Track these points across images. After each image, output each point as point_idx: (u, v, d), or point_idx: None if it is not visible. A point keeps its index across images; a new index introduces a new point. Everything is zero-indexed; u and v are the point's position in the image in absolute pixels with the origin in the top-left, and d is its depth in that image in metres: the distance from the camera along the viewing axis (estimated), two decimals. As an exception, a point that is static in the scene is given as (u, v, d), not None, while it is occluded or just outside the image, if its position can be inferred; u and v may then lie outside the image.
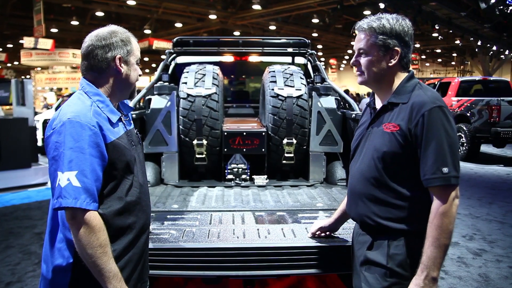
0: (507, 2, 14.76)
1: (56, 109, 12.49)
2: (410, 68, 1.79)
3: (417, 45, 30.88)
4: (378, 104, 1.80)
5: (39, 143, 10.51)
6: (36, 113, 10.99)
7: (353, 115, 3.64)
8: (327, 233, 2.34)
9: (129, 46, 1.65)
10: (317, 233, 2.34)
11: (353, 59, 1.75)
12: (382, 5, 16.76)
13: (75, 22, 22.24)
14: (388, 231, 1.66)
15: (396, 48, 1.69)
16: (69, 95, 11.43)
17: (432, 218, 1.55)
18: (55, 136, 1.45)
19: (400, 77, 1.74)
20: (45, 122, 11.09)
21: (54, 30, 22.78)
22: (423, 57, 38.09)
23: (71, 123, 1.44)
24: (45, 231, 1.62)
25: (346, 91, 16.65)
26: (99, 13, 20.98)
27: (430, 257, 1.53)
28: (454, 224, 1.57)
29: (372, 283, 1.67)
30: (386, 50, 1.69)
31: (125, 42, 1.63)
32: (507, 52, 29.49)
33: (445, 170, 1.54)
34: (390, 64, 1.70)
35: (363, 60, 1.72)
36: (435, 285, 1.56)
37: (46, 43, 19.54)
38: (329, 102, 3.93)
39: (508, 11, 15.22)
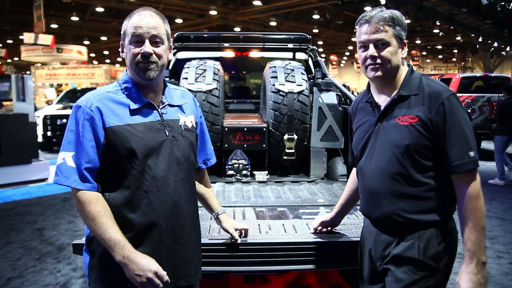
0: (509, -2, 14.71)
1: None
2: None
3: (418, 41, 30.85)
4: (379, 100, 1.77)
5: (40, 139, 10.52)
6: (36, 109, 10.98)
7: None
8: (329, 228, 2.34)
9: (124, 28, 1.60)
10: (318, 228, 2.33)
11: (371, 51, 1.66)
12: (383, 1, 16.69)
13: (75, 18, 22.19)
14: (418, 224, 1.64)
15: (405, 40, 1.71)
16: None
17: (467, 203, 1.56)
18: None
19: (403, 71, 1.74)
20: (45, 118, 11.09)
21: (54, 25, 22.73)
22: (424, 53, 38.02)
23: (75, 107, 1.54)
24: None
25: (346, 87, 16.64)
26: (99, 9, 20.95)
27: (475, 242, 1.54)
28: None
29: (402, 277, 1.64)
30: (400, 42, 1.69)
31: (123, 25, 1.62)
32: (508, 49, 29.40)
33: (472, 154, 1.57)
34: (402, 57, 1.71)
35: (384, 52, 1.66)
36: (485, 269, 1.57)
37: (46, 39, 19.48)
38: (330, 97, 3.92)
39: (510, 7, 15.17)
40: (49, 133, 11.11)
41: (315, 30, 26.00)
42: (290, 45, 5.06)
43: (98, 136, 1.51)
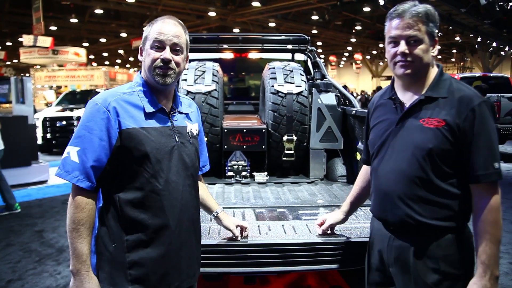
0: (507, -2, 14.73)
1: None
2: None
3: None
4: (404, 98, 1.69)
5: (39, 141, 10.52)
6: (35, 111, 10.98)
7: (353, 111, 3.63)
8: (334, 228, 2.31)
9: (146, 33, 1.64)
10: (326, 228, 2.30)
11: (403, 47, 1.59)
12: (381, 2, 16.69)
13: (74, 20, 22.19)
14: (434, 230, 1.59)
15: (436, 38, 1.64)
16: None
17: (486, 215, 1.51)
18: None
19: (433, 70, 1.67)
20: (44, 120, 11.08)
21: (53, 27, 22.74)
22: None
23: (91, 103, 1.55)
24: None
25: (344, 87, 16.66)
26: (98, 11, 20.93)
27: (490, 255, 1.51)
28: None
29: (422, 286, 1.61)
30: (432, 40, 1.62)
31: (145, 30, 1.66)
32: (507, 49, 29.46)
33: (496, 165, 1.53)
34: (433, 55, 1.64)
35: (416, 50, 1.58)
36: (497, 284, 1.54)
37: (45, 41, 19.48)
38: (329, 98, 3.92)
39: (508, 7, 15.19)
40: (48, 135, 11.10)
41: (314, 31, 26.01)
42: (289, 46, 5.07)
43: (111, 136, 1.52)
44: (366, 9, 20.70)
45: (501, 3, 14.86)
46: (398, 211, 1.63)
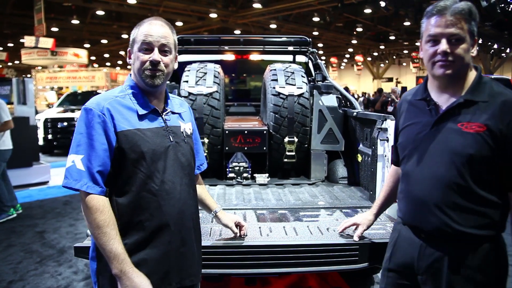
0: (508, 0, 14.73)
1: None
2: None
3: (418, 44, 30.74)
4: (439, 100, 1.61)
5: (40, 142, 10.53)
6: (37, 112, 11.00)
7: (354, 113, 3.64)
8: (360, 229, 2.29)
9: (133, 35, 1.65)
10: (348, 228, 2.32)
11: (444, 46, 1.50)
12: (382, 3, 16.71)
13: (75, 21, 22.23)
14: (470, 239, 1.53)
15: (476, 37, 1.55)
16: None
17: None
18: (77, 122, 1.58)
19: (472, 71, 1.60)
20: (45, 121, 11.10)
21: (54, 29, 22.78)
22: (424, 55, 38.01)
23: (85, 110, 1.55)
24: None
25: (346, 89, 16.68)
26: (100, 12, 20.96)
27: None
28: None
29: None
30: (472, 39, 1.54)
31: (132, 33, 1.66)
32: (508, 50, 29.43)
33: None
34: (472, 55, 1.56)
35: (458, 49, 1.50)
36: None
37: (47, 42, 19.53)
38: (330, 100, 3.93)
39: (509, 9, 15.19)
40: (50, 136, 11.12)
41: (315, 33, 26.02)
42: (290, 48, 5.08)
43: (111, 139, 1.53)
44: (367, 10, 20.71)
45: (502, 5, 14.87)
46: (433, 219, 1.56)
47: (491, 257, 1.53)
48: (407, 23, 22.71)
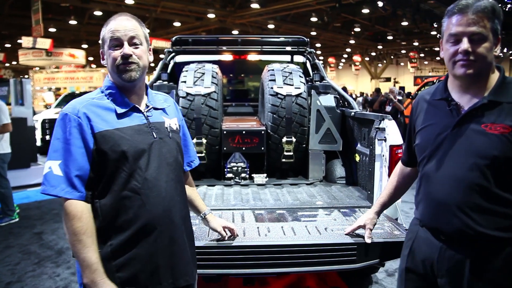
0: (506, 0, 14.79)
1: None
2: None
3: (416, 43, 30.93)
4: (461, 100, 1.57)
5: (38, 143, 10.51)
6: (35, 113, 10.97)
7: (352, 113, 3.64)
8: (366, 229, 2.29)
9: (102, 35, 1.62)
10: (354, 230, 2.32)
11: (466, 45, 1.47)
12: (380, 3, 16.74)
13: (73, 22, 22.22)
14: (492, 241, 1.50)
15: (499, 36, 1.51)
16: None
17: None
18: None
19: (495, 72, 1.57)
20: (43, 122, 11.08)
21: (52, 29, 22.75)
22: (422, 55, 38.13)
23: (61, 115, 1.55)
24: None
25: (344, 89, 16.70)
26: (98, 13, 20.96)
27: None
28: None
29: None
30: (496, 37, 1.50)
31: (101, 33, 1.63)
32: (505, 50, 29.52)
33: None
34: (495, 54, 1.52)
35: (480, 48, 1.47)
36: None
37: (45, 43, 19.50)
38: (328, 100, 3.93)
39: (506, 9, 15.25)
40: (47, 137, 11.08)
41: (313, 33, 26.05)
42: (288, 48, 5.08)
43: (88, 142, 1.51)
44: (365, 10, 20.76)
45: (499, 5, 14.89)
46: (455, 220, 1.53)
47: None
48: (404, 23, 22.74)
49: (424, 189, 1.67)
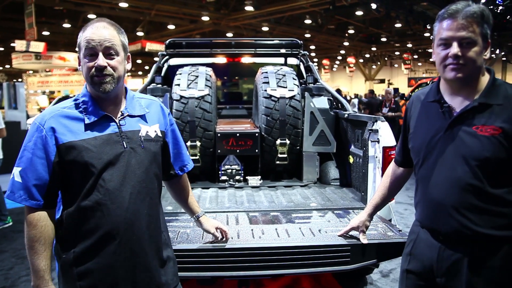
0: (497, 2, 14.90)
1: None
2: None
3: (409, 45, 31.09)
4: (452, 102, 1.61)
5: (32, 147, 10.44)
6: (28, 117, 10.91)
7: (346, 115, 3.66)
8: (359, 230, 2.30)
9: (78, 40, 1.58)
10: (348, 231, 2.33)
11: (455, 49, 1.51)
12: (374, 6, 16.82)
13: (67, 25, 22.14)
14: (489, 240, 1.54)
15: (489, 40, 1.56)
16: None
17: None
18: None
19: (485, 74, 1.60)
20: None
21: (46, 33, 22.66)
22: (415, 57, 38.32)
23: (31, 124, 1.58)
24: None
25: (338, 91, 16.75)
26: (91, 16, 20.89)
27: None
28: None
29: None
30: (485, 42, 1.54)
31: (78, 37, 1.60)
32: (497, 51, 29.73)
33: None
34: (485, 57, 1.56)
35: (469, 52, 1.50)
36: None
37: (38, 46, 19.41)
38: (321, 102, 3.95)
39: (498, 11, 15.36)
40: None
41: (307, 35, 26.12)
42: (282, 51, 5.10)
43: (49, 154, 1.52)
44: (359, 13, 20.84)
45: (491, 7, 15.03)
46: (452, 221, 1.57)
47: (511, 258, 1.54)
48: (398, 25, 22.87)
49: (421, 191, 1.71)
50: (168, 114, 1.84)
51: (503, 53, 31.43)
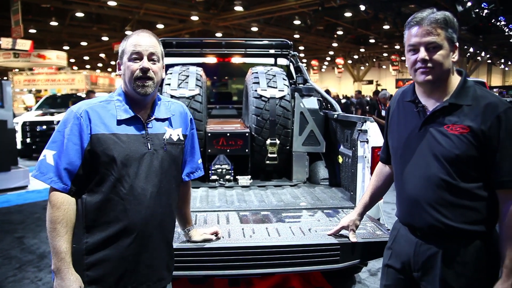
0: (482, 6, 15.14)
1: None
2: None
3: (397, 47, 31.39)
4: (427, 103, 1.69)
5: (19, 146, 10.32)
6: (14, 116, 10.77)
7: (335, 115, 3.70)
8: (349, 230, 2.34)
9: (122, 47, 1.72)
10: (338, 230, 2.36)
11: (423, 54, 1.60)
12: (362, 7, 16.96)
13: (54, 23, 21.88)
14: (462, 234, 1.60)
15: (456, 43, 1.63)
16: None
17: (510, 220, 1.54)
18: None
19: (455, 76, 1.67)
20: (24, 125, 10.89)
21: (32, 30, 22.35)
22: (403, 58, 38.69)
23: (68, 111, 1.66)
24: None
25: (327, 91, 16.84)
26: (79, 14, 20.71)
27: None
28: None
29: None
30: (452, 45, 1.62)
31: (121, 45, 1.74)
32: (483, 54, 30.20)
33: None
34: (453, 60, 1.64)
35: (436, 56, 1.59)
36: None
37: (25, 44, 19.16)
38: (311, 102, 3.98)
39: (484, 14, 15.61)
40: (28, 140, 10.90)
41: (296, 36, 26.21)
42: (272, 51, 5.12)
43: (83, 141, 1.60)
44: (347, 14, 20.99)
45: (477, 10, 15.26)
46: (426, 216, 1.64)
47: (482, 253, 1.59)
48: (386, 27, 23.10)
49: (398, 188, 1.80)
50: (191, 119, 1.94)
51: (488, 56, 31.94)
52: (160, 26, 23.04)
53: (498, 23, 18.86)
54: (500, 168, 1.54)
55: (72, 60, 33.03)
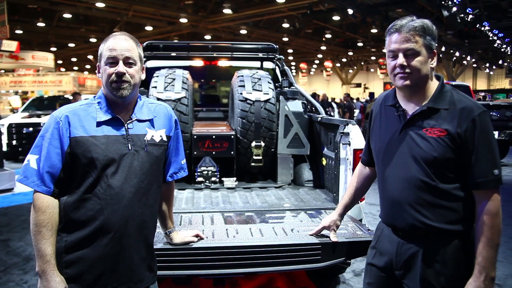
0: (467, 11, 15.42)
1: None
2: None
3: (385, 51, 31.68)
4: (406, 107, 1.76)
5: (4, 148, 10.22)
6: (0, 118, 10.67)
7: (319, 118, 3.77)
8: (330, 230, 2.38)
9: (100, 51, 1.76)
10: (319, 231, 2.40)
11: (401, 60, 1.66)
12: (350, 11, 17.14)
13: (41, 24, 21.67)
14: (442, 234, 1.66)
15: (434, 50, 1.71)
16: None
17: (485, 219, 1.59)
18: None
19: (433, 81, 1.74)
20: (10, 127, 10.79)
21: (19, 31, 22.11)
22: (391, 62, 39.02)
23: (50, 116, 1.71)
24: None
25: (313, 95, 16.96)
26: (67, 15, 20.55)
27: (487, 258, 1.58)
28: None
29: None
30: (430, 52, 1.69)
31: (100, 48, 1.76)
32: (468, 58, 30.65)
33: (496, 172, 1.60)
34: (431, 66, 1.70)
35: (413, 62, 1.65)
36: (493, 284, 1.61)
37: (11, 45, 18.93)
38: (296, 105, 4.04)
39: (469, 19, 15.89)
40: (14, 142, 10.80)
41: (285, 39, 26.34)
42: (258, 55, 5.18)
43: (63, 144, 1.65)
44: (336, 18, 21.16)
45: (462, 15, 15.52)
46: (407, 216, 1.70)
47: (461, 253, 1.66)
48: (374, 31, 23.32)
49: (381, 190, 1.86)
50: (176, 120, 1.97)
51: (473, 60, 32.43)
52: (149, 28, 22.97)
53: (483, 28, 19.22)
54: (476, 169, 1.60)
55: (60, 62, 32.69)
